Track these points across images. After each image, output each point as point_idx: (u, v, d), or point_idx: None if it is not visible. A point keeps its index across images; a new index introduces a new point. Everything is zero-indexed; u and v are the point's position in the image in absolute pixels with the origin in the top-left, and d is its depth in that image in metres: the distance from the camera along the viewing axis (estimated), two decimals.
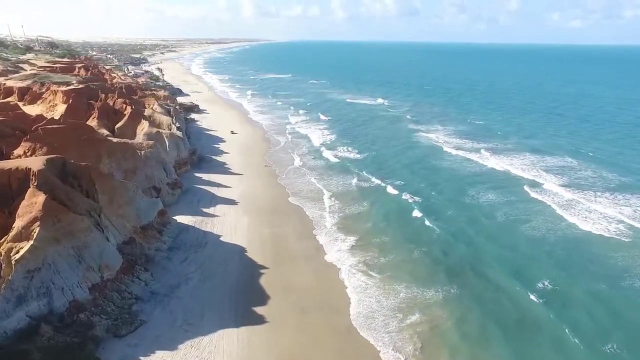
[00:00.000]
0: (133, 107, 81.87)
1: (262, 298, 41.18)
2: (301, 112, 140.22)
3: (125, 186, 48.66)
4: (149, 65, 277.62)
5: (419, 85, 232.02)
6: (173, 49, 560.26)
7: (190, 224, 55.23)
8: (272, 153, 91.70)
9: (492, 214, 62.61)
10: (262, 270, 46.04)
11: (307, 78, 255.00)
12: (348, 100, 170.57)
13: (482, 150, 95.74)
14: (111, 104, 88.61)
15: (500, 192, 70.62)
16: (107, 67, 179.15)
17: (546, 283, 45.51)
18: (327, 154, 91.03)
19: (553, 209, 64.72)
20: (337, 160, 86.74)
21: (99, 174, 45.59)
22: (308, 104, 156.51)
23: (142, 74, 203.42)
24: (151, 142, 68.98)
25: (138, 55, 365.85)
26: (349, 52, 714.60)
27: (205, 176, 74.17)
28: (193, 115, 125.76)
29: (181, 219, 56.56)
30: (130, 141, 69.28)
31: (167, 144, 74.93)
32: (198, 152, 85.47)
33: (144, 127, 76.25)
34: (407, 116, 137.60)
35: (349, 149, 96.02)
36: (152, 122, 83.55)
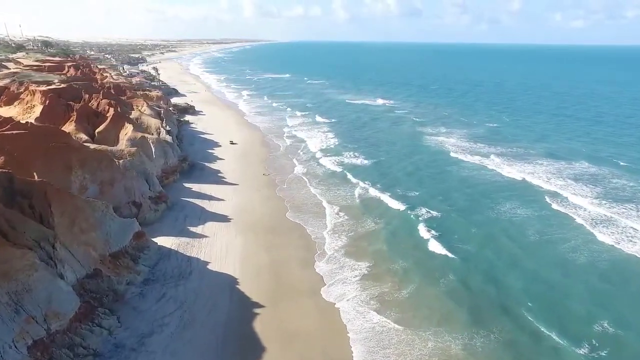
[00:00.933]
0: (117, 109, 73.00)
1: (256, 351, 32.31)
2: (301, 113, 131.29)
3: (92, 205, 39.88)
4: (146, 65, 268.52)
5: (421, 86, 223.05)
6: (173, 49, 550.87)
7: (173, 248, 46.37)
8: (271, 159, 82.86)
9: (514, 233, 53.37)
10: (256, 310, 37.26)
11: (307, 78, 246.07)
12: (349, 101, 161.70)
13: (493, 156, 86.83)
14: (95, 105, 79.86)
15: (520, 207, 61.54)
16: (101, 67, 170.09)
17: (594, 329, 36.52)
18: (329, 160, 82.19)
19: (585, 227, 55.58)
20: (340, 168, 77.78)
21: (57, 192, 36.78)
22: (308, 105, 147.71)
23: (138, 73, 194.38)
24: (133, 149, 60.14)
25: (137, 55, 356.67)
26: (350, 53, 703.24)
27: (195, 187, 65.34)
28: (187, 117, 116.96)
29: (163, 240, 47.72)
30: (110, 148, 60.48)
31: (154, 151, 66.12)
32: (190, 158, 76.56)
33: (127, 131, 67.38)
34: (411, 118, 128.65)
35: (352, 154, 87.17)
36: (139, 126, 74.78)
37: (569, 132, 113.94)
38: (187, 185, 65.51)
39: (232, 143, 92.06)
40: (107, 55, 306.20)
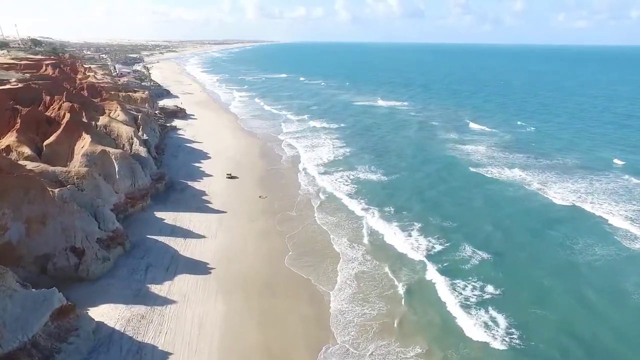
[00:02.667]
0: (75, 114, 57.42)
1: None
2: (302, 117, 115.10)
3: None
4: (141, 65, 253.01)
5: (424, 86, 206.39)
6: (173, 50, 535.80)
7: (118, 328, 30.61)
8: (269, 176, 67.04)
9: (587, 293, 37.66)
10: None
11: (308, 79, 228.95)
12: (350, 102, 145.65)
13: (517, 170, 71.71)
14: (56, 108, 64.35)
15: (580, 247, 45.74)
16: (87, 66, 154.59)
17: None
18: (337, 177, 66.33)
19: None
20: (350, 188, 61.60)
21: None
22: (309, 108, 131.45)
23: (129, 73, 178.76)
24: (84, 170, 44.48)
25: (135, 55, 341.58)
26: (351, 53, 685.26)
27: (170, 216, 49.51)
28: (176, 122, 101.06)
29: (107, 312, 32.01)
30: (52, 169, 44.78)
31: (117, 169, 50.36)
32: (168, 176, 60.68)
33: (84, 144, 51.66)
34: (419, 122, 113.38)
35: (362, 168, 71.23)
36: (105, 136, 59.13)
37: (597, 137, 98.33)
38: (159, 214, 49.66)
39: (229, 177, 64.89)
40: (103, 55, 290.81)
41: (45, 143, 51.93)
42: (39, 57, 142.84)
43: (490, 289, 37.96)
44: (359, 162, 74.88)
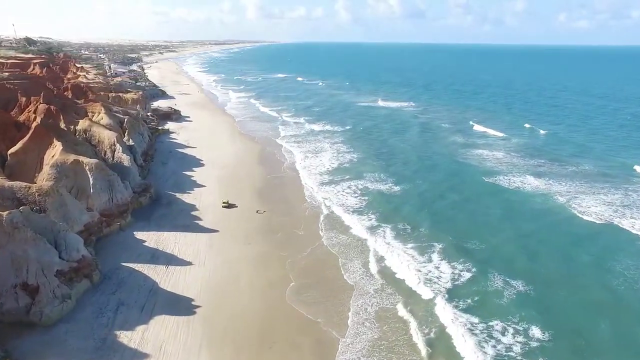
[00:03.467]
0: (49, 118, 50.32)
1: None
2: (305, 119, 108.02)
3: None
4: (138, 65, 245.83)
5: (425, 86, 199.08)
6: (173, 50, 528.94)
7: None
8: (269, 186, 59.86)
9: None
10: None
11: (308, 79, 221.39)
12: (355, 103, 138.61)
13: (534, 178, 65.31)
14: (32, 110, 57.32)
15: (635, 277, 38.56)
16: (80, 65, 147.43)
17: None
18: (345, 187, 59.72)
19: None
20: (360, 200, 54.90)
21: None
22: (315, 110, 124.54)
23: (124, 73, 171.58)
24: (47, 186, 37.35)
25: (134, 55, 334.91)
26: (352, 53, 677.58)
27: (152, 237, 42.34)
28: (169, 125, 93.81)
29: None
30: (9, 184, 37.67)
31: (92, 182, 43.25)
32: (154, 188, 53.52)
33: (55, 152, 44.59)
34: (423, 123, 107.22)
35: (371, 177, 64.28)
36: (82, 142, 51.99)
37: (611, 141, 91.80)
38: (139, 235, 42.53)
39: (226, 205, 51.28)
40: (100, 55, 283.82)
41: (9, 152, 44.82)
42: (29, 56, 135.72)
43: (535, 333, 30.99)
44: (365, 170, 67.74)
